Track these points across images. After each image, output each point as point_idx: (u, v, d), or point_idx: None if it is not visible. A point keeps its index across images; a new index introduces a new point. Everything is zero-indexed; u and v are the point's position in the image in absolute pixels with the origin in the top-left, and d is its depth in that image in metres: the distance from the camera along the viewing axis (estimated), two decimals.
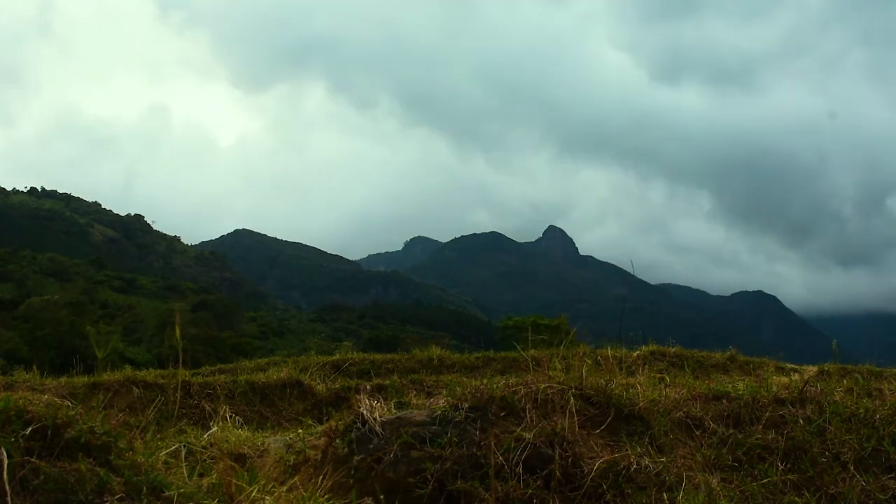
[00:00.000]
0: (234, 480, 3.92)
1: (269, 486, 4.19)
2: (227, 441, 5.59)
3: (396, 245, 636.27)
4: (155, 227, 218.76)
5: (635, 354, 11.48)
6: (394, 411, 5.19)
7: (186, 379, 9.14)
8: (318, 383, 9.91)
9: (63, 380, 9.21)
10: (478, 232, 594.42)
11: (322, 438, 5.21)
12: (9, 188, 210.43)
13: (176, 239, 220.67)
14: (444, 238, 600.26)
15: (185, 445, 4.73)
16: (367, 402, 5.14)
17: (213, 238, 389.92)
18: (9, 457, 3.25)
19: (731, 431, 5.14)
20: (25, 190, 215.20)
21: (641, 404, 5.22)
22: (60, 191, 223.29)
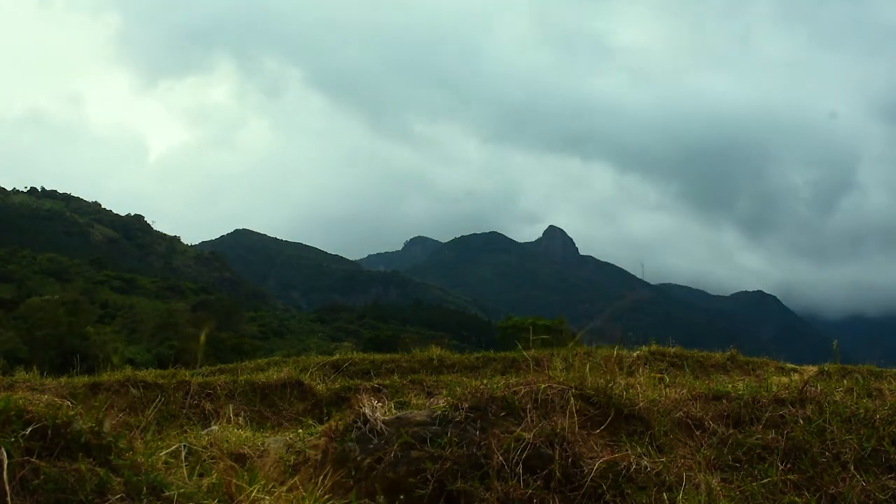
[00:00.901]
0: (234, 480, 3.92)
1: (269, 486, 4.19)
2: (227, 441, 5.59)
3: (396, 245, 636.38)
4: (155, 227, 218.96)
5: (635, 354, 11.48)
6: (394, 411, 5.20)
7: (186, 379, 9.15)
8: (318, 383, 9.91)
9: (63, 380, 9.22)
10: (477, 232, 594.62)
11: (322, 438, 5.21)
12: (9, 188, 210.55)
13: (176, 239, 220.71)
14: (444, 238, 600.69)
15: (185, 445, 4.73)
16: (368, 402, 5.15)
17: (213, 238, 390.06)
18: (9, 457, 3.25)
19: (731, 431, 5.14)
20: (25, 190, 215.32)
21: (641, 404, 5.22)
22: (60, 191, 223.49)
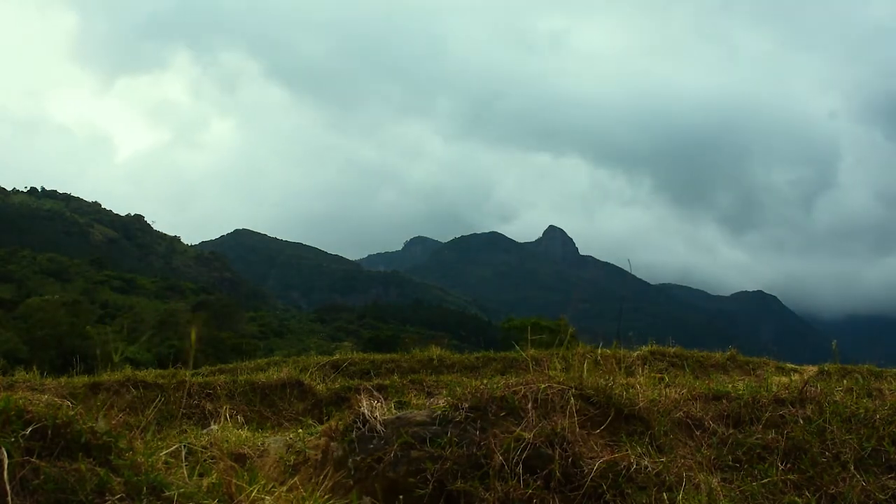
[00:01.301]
0: (234, 480, 3.92)
1: (269, 486, 4.19)
2: (227, 441, 5.59)
3: (396, 245, 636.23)
4: (155, 227, 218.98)
5: (635, 354, 11.48)
6: (394, 411, 5.20)
7: (186, 379, 9.15)
8: (318, 383, 9.92)
9: (63, 380, 9.22)
10: (477, 232, 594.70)
11: (322, 438, 5.22)
12: (9, 188, 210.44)
13: (176, 239, 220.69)
14: (444, 238, 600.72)
15: (185, 445, 4.73)
16: (368, 402, 5.15)
17: (213, 238, 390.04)
18: (9, 457, 3.25)
19: (731, 431, 5.15)
20: (25, 190, 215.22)
21: (641, 404, 5.22)
22: (60, 191, 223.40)
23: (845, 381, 6.36)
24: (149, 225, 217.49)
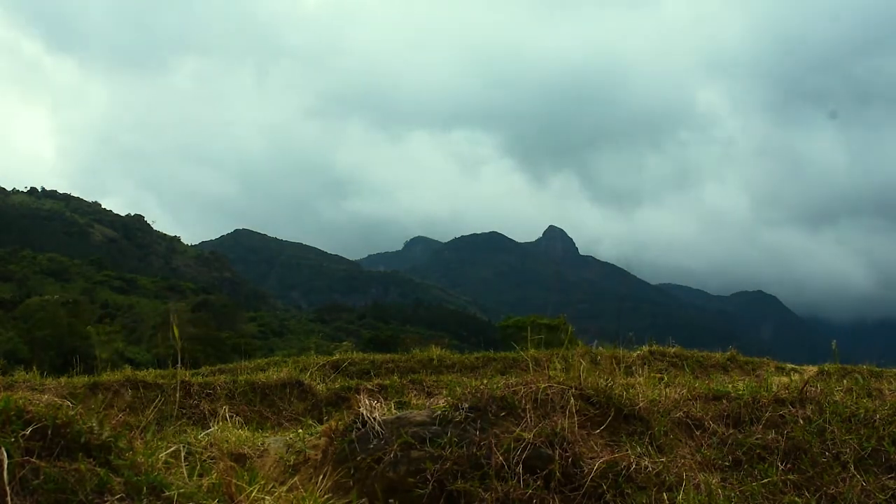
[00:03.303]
0: (234, 480, 3.92)
1: (269, 486, 4.19)
2: (227, 441, 5.59)
3: (396, 245, 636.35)
4: (155, 227, 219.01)
5: (635, 354, 11.49)
6: (394, 411, 5.20)
7: (186, 379, 9.15)
8: (318, 383, 9.92)
9: (63, 380, 9.22)
10: (478, 232, 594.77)
11: (322, 438, 5.21)
12: (9, 188, 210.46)
13: (176, 239, 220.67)
14: (444, 238, 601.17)
15: (185, 445, 4.73)
16: (367, 402, 5.15)
17: (214, 238, 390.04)
18: (9, 457, 3.25)
19: (731, 431, 5.15)
20: (25, 190, 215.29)
21: (641, 404, 5.22)
22: (60, 191, 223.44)
23: (845, 381, 6.37)
24: (149, 225, 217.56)
